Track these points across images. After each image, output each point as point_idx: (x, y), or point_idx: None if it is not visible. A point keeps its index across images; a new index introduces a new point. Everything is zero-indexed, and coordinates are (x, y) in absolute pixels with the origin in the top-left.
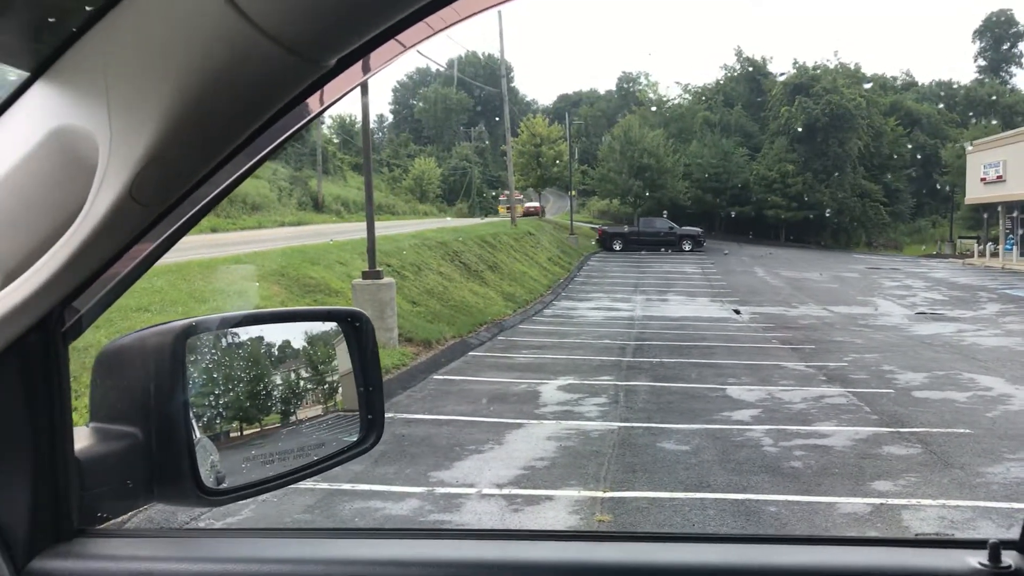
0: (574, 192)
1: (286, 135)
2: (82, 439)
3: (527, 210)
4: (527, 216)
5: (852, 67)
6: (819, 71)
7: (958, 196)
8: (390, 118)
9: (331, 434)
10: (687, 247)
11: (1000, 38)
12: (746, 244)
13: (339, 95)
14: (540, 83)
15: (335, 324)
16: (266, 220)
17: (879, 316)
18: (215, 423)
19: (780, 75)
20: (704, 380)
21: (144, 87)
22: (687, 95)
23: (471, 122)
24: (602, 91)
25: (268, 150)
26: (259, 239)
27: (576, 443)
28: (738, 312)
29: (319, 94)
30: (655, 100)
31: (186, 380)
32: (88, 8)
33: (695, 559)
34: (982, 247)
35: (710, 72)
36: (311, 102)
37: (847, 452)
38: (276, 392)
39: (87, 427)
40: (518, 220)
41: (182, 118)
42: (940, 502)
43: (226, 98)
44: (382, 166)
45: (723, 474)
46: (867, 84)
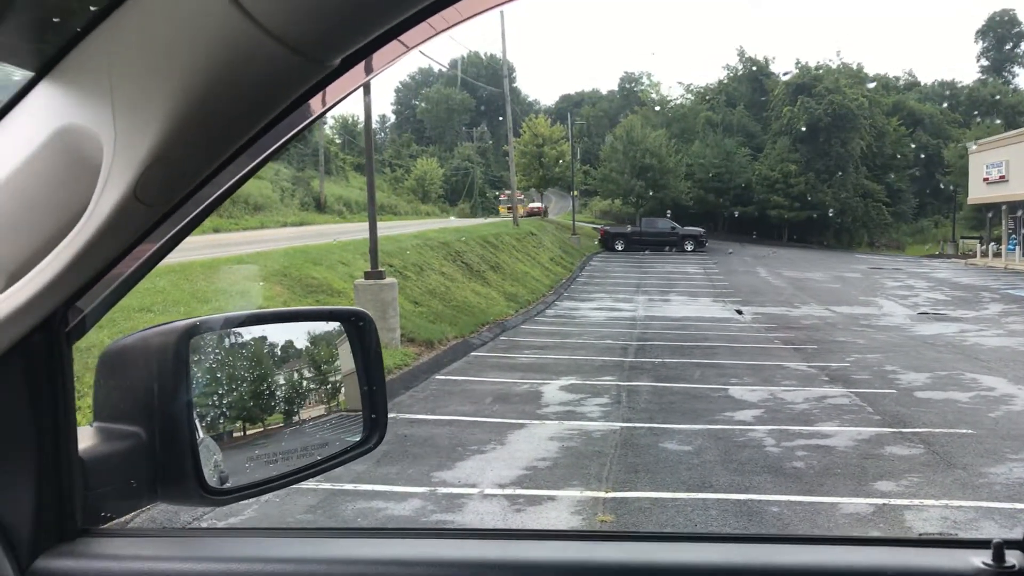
0: (576, 192)
1: (289, 135)
2: (86, 439)
3: (530, 210)
4: (530, 216)
5: (855, 67)
6: (822, 71)
7: (960, 196)
8: (392, 118)
9: (334, 434)
10: (689, 247)
11: (1003, 38)
12: (749, 244)
13: (342, 95)
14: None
15: (338, 324)
16: (268, 220)
17: (881, 316)
18: (218, 423)
19: (784, 75)
20: (706, 380)
21: (148, 87)
22: (689, 95)
23: (473, 122)
24: (604, 91)
25: (271, 150)
26: (261, 239)
27: (578, 443)
28: (740, 312)
29: (322, 94)
30: (657, 100)
31: (189, 380)
32: (92, 8)
33: (697, 559)
34: (985, 247)
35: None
36: (314, 102)
37: (849, 452)
38: (279, 392)
39: (91, 427)
40: (520, 220)
41: (186, 118)
42: (943, 502)
43: (230, 98)
44: (384, 166)
45: (725, 474)
46: (870, 84)
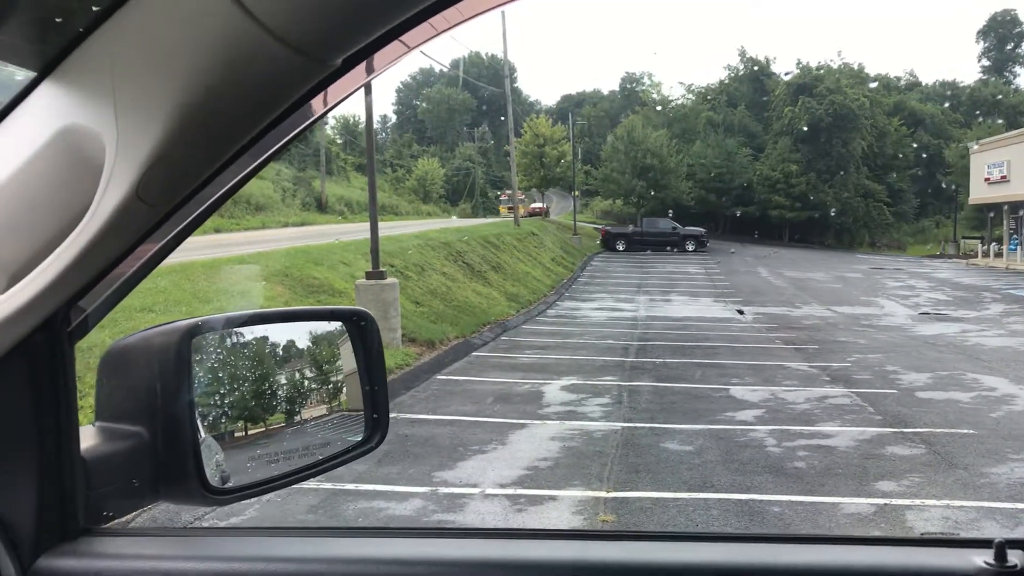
0: (577, 192)
1: (291, 135)
2: (88, 438)
3: (531, 211)
4: (531, 216)
5: (856, 67)
6: (823, 71)
7: (962, 196)
8: (394, 119)
9: (336, 433)
10: (690, 247)
11: (1004, 38)
12: (750, 244)
13: (343, 96)
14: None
15: (340, 324)
16: (270, 220)
17: (883, 316)
18: (220, 422)
19: (785, 75)
20: (707, 380)
21: (150, 87)
22: (691, 95)
23: (474, 122)
24: (605, 91)
25: (273, 150)
26: (263, 239)
27: (579, 443)
28: (741, 312)
29: (323, 94)
30: (658, 100)
31: (191, 380)
32: (94, 8)
33: (699, 558)
34: (986, 247)
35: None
36: (316, 102)
37: (851, 452)
38: (281, 392)
39: (93, 426)
40: (521, 220)
41: (188, 118)
42: (944, 502)
43: (232, 98)
44: (386, 167)
45: (727, 474)
46: (871, 84)
